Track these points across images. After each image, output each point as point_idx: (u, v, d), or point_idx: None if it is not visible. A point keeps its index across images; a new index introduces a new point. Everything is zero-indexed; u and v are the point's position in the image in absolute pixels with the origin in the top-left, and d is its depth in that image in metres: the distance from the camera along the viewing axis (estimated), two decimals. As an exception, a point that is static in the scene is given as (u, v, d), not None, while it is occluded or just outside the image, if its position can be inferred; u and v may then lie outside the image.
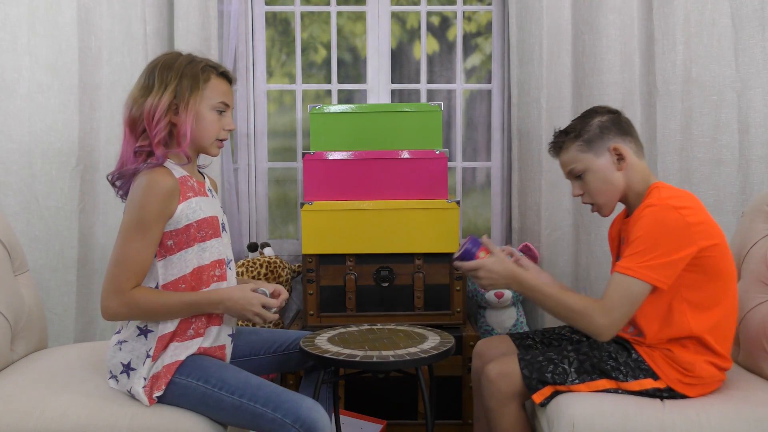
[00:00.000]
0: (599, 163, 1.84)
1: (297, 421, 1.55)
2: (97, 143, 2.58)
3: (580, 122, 1.88)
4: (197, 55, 1.77)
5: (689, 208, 1.72)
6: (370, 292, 2.48)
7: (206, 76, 1.73)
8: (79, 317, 2.55)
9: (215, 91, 1.74)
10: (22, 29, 2.50)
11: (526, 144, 2.69)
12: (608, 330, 1.73)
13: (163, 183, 1.63)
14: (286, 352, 1.91)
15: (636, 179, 1.84)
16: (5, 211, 2.43)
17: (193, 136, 1.72)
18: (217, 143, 1.77)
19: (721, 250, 1.76)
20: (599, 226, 2.59)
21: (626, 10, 2.57)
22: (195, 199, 1.70)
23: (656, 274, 1.69)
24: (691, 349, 1.75)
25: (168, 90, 1.68)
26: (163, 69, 1.71)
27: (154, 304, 1.64)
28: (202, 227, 1.71)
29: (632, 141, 1.87)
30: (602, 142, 1.84)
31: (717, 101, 2.54)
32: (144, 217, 1.62)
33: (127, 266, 1.63)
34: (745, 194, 2.53)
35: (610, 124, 1.85)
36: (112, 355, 1.72)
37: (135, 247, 1.63)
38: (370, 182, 2.46)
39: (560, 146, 1.90)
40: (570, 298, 1.79)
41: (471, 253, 1.87)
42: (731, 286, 1.80)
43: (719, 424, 1.65)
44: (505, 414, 1.81)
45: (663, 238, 1.69)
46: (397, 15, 3.02)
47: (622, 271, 1.71)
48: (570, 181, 1.92)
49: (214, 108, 1.74)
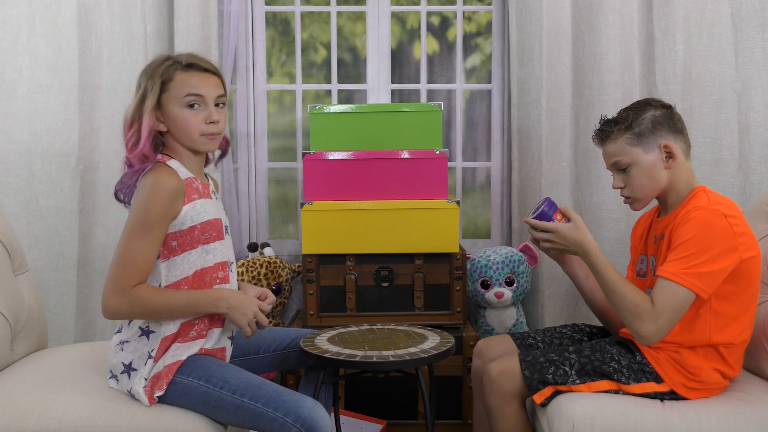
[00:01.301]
0: (647, 158, 1.79)
1: (298, 421, 1.55)
2: (97, 143, 2.58)
3: (632, 114, 1.81)
4: (183, 53, 1.73)
5: (736, 218, 1.70)
6: (370, 292, 2.48)
7: (169, 75, 1.67)
8: (79, 317, 2.55)
9: (180, 86, 1.67)
10: (22, 29, 2.50)
11: (526, 144, 2.69)
12: (654, 336, 1.70)
13: (168, 183, 1.63)
14: (286, 350, 1.91)
15: (681, 180, 1.80)
16: (5, 211, 2.43)
17: (177, 138, 1.70)
18: (204, 138, 1.70)
19: (756, 263, 1.74)
20: (599, 226, 2.59)
21: (626, 10, 2.57)
22: (200, 201, 1.70)
23: (700, 282, 1.67)
24: (700, 353, 1.75)
25: (137, 94, 1.68)
26: (142, 73, 1.71)
27: (154, 302, 1.63)
28: (206, 229, 1.71)
29: (683, 140, 1.82)
30: (653, 138, 1.78)
31: (717, 101, 2.54)
32: (148, 216, 1.62)
33: (129, 265, 1.62)
34: (745, 194, 2.52)
35: (664, 119, 1.79)
36: (113, 355, 1.72)
37: (138, 246, 1.62)
38: (370, 182, 2.46)
39: (607, 136, 1.83)
40: (629, 289, 1.73)
41: (547, 215, 1.83)
42: (755, 296, 1.78)
43: (719, 424, 1.65)
44: (506, 413, 1.81)
45: (711, 244, 1.66)
46: (397, 15, 3.02)
47: (669, 277, 1.68)
48: (611, 172, 1.87)
49: (183, 104, 1.67)
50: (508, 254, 2.60)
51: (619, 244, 2.57)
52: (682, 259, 1.68)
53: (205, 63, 1.72)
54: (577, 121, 2.64)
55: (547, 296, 2.66)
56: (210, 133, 1.70)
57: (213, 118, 1.69)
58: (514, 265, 2.59)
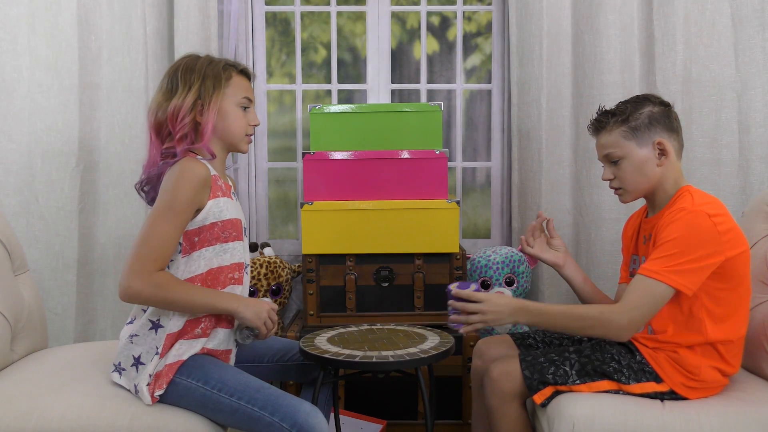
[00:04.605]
0: (640, 153, 1.79)
1: (294, 426, 1.56)
2: (97, 143, 2.58)
3: (630, 107, 1.81)
4: (215, 56, 1.82)
5: (721, 216, 1.70)
6: (370, 292, 2.48)
7: (228, 74, 1.77)
8: (79, 317, 2.55)
9: (237, 88, 1.78)
10: (22, 29, 2.50)
11: (526, 144, 2.69)
12: (627, 330, 1.71)
13: (197, 170, 1.66)
14: (289, 362, 1.91)
15: (669, 178, 1.81)
16: (5, 211, 2.43)
17: (222, 134, 1.77)
18: (246, 139, 1.82)
19: (744, 259, 1.75)
20: (599, 226, 2.59)
21: (626, 10, 2.57)
22: (223, 199, 1.73)
23: (683, 279, 1.67)
24: (698, 352, 1.75)
25: (192, 90, 1.72)
26: (186, 71, 1.75)
27: (177, 290, 1.64)
28: (226, 228, 1.73)
29: (677, 139, 1.82)
30: (648, 134, 1.78)
31: (717, 101, 2.54)
32: (177, 200, 1.63)
33: (154, 247, 1.62)
34: (745, 194, 2.52)
35: (660, 116, 1.80)
36: (124, 348, 1.72)
37: (164, 230, 1.63)
38: (370, 182, 2.46)
39: (603, 127, 1.83)
40: (582, 309, 1.78)
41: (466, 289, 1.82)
42: (748, 292, 1.79)
43: (719, 424, 1.65)
44: (506, 413, 1.81)
45: (694, 244, 1.67)
46: (397, 15, 3.02)
47: (646, 273, 1.69)
48: (603, 163, 1.87)
49: (239, 104, 1.78)
50: (508, 254, 2.60)
51: (618, 245, 2.55)
52: (664, 258, 1.68)
53: (252, 72, 1.86)
54: (577, 121, 2.64)
55: (547, 296, 2.66)
56: (251, 135, 1.83)
57: (257, 122, 1.83)
58: (514, 265, 2.59)
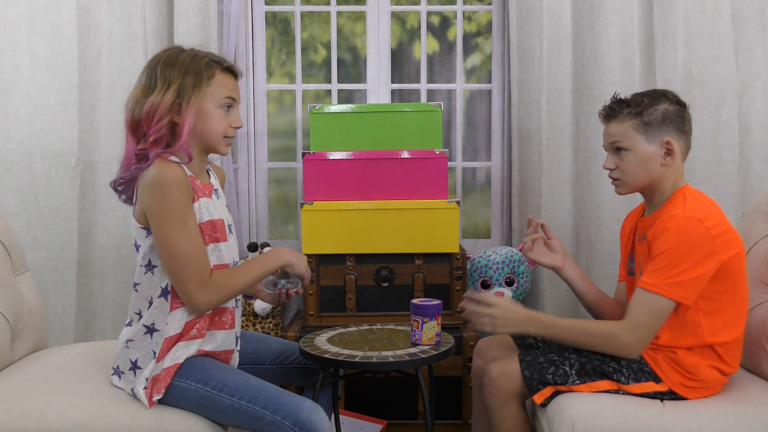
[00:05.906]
0: (646, 149, 1.77)
1: (297, 424, 1.55)
2: (97, 143, 2.58)
3: (646, 101, 1.78)
4: (200, 50, 1.71)
5: (713, 219, 1.69)
6: (370, 292, 2.48)
7: (210, 72, 1.67)
8: (79, 317, 2.55)
9: (220, 87, 1.68)
10: (22, 29, 2.50)
11: (526, 144, 2.69)
12: (636, 348, 1.72)
13: (171, 172, 1.58)
14: (290, 366, 1.91)
15: (669, 179, 1.80)
16: (5, 211, 2.43)
17: (201, 135, 1.68)
18: (225, 141, 1.72)
19: (739, 259, 1.74)
20: (599, 226, 2.59)
21: (626, 10, 2.57)
22: (202, 200, 1.67)
23: (682, 291, 1.67)
24: (696, 353, 1.74)
25: (171, 89, 1.62)
26: (166, 66, 1.65)
27: (235, 280, 1.66)
28: (207, 230, 1.67)
29: (686, 141, 1.81)
30: (659, 132, 1.77)
31: (717, 101, 2.54)
32: (177, 208, 1.59)
33: (192, 259, 1.60)
34: (745, 194, 2.52)
35: (674, 116, 1.78)
36: (121, 352, 1.71)
37: (189, 239, 1.60)
38: (370, 182, 2.46)
39: (615, 115, 1.81)
40: (591, 325, 1.77)
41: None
42: (744, 291, 1.78)
43: (719, 424, 1.65)
44: (506, 413, 1.80)
45: (688, 252, 1.66)
46: (397, 15, 3.01)
47: (646, 287, 1.69)
48: (606, 150, 1.85)
49: (221, 105, 1.68)
50: (508, 254, 2.60)
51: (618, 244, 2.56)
52: (661, 269, 1.68)
53: (238, 70, 1.76)
54: (577, 121, 2.64)
55: (547, 296, 2.66)
56: (231, 137, 1.74)
57: (239, 124, 1.74)
58: (515, 265, 2.59)
